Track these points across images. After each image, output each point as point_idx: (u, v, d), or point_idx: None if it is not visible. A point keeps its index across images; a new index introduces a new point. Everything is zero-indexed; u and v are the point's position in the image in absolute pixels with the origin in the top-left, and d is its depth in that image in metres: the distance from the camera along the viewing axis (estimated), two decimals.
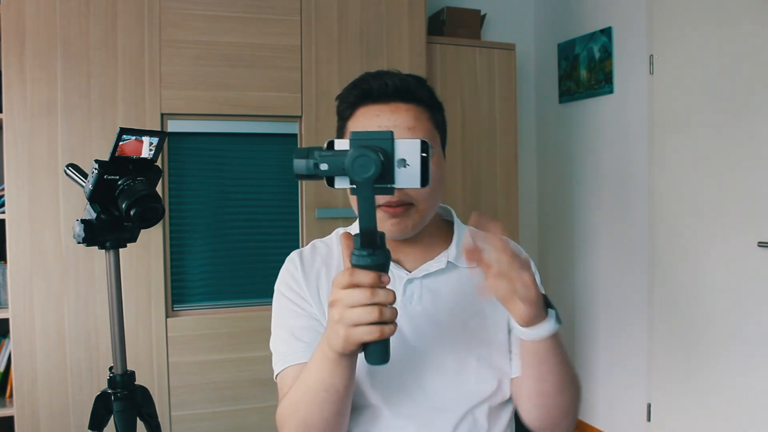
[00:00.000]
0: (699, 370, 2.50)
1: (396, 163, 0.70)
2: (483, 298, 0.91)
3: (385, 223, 0.97)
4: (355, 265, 0.72)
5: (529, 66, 3.50)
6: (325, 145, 0.72)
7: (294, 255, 1.08)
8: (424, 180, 0.70)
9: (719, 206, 2.40)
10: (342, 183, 0.71)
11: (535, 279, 0.79)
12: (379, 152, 0.67)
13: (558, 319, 0.84)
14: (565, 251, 3.30)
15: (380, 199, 0.95)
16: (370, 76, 1.00)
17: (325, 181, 0.71)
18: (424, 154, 0.70)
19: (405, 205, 0.96)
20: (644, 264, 2.78)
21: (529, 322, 0.81)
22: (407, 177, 0.70)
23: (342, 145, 0.71)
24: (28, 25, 2.18)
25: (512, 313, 0.81)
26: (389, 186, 0.70)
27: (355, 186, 0.69)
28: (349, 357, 0.81)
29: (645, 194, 2.77)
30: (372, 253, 0.72)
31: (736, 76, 2.32)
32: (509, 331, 1.02)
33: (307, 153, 0.70)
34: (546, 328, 0.82)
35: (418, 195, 0.96)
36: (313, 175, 0.70)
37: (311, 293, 1.03)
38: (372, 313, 0.71)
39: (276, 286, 1.07)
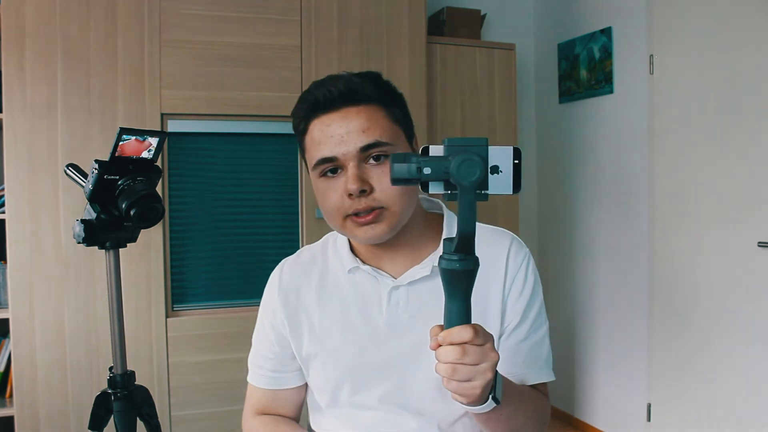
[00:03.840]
0: (699, 371, 2.50)
1: (489, 170, 0.70)
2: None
3: (356, 231, 0.93)
4: (443, 269, 0.71)
5: (529, 66, 3.50)
6: (420, 151, 0.72)
7: (274, 277, 1.09)
8: (516, 186, 0.70)
9: (719, 206, 2.40)
10: (437, 188, 0.72)
11: (488, 378, 0.74)
12: (483, 158, 0.68)
13: (496, 399, 0.79)
14: (565, 251, 3.29)
15: (348, 208, 0.92)
16: (314, 86, 0.95)
17: (419, 186, 0.72)
18: (516, 161, 0.70)
19: (376, 211, 0.91)
20: (644, 264, 2.78)
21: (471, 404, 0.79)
22: (499, 184, 0.70)
23: (436, 151, 0.71)
24: (28, 25, 2.18)
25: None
26: (483, 192, 0.70)
27: (449, 192, 0.70)
28: None
29: (645, 194, 2.77)
30: (463, 258, 0.71)
31: (736, 76, 2.32)
32: (498, 342, 1.00)
33: (404, 158, 0.71)
34: (480, 408, 0.79)
35: (387, 198, 0.91)
36: (410, 179, 0.70)
37: (288, 316, 1.04)
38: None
39: (261, 302, 1.10)
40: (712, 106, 2.42)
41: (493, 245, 1.01)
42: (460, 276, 0.71)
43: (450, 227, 1.01)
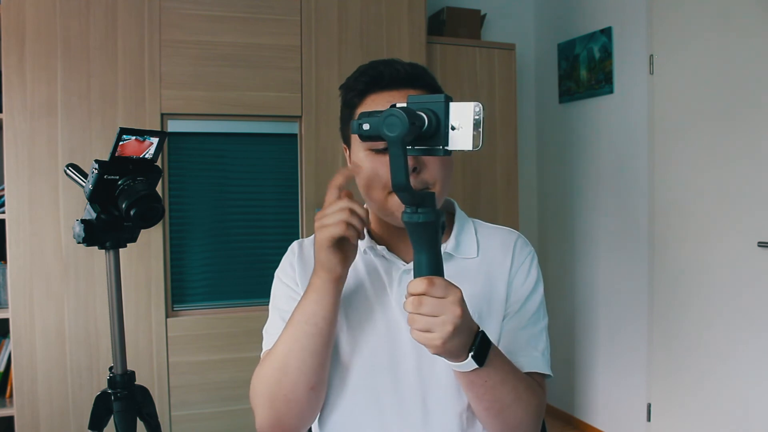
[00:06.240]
0: (699, 370, 2.50)
1: (449, 126, 0.72)
2: None
3: (397, 208, 0.95)
4: (406, 222, 0.76)
5: (529, 66, 3.50)
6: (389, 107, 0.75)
7: (294, 244, 1.11)
8: (476, 142, 0.73)
9: (719, 206, 2.40)
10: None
11: (448, 331, 0.75)
12: (407, 113, 0.69)
13: (479, 361, 0.81)
14: (565, 251, 3.30)
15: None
16: (379, 63, 1.00)
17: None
18: (477, 117, 0.72)
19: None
20: (644, 264, 2.78)
21: (442, 356, 0.80)
22: (460, 139, 0.73)
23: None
24: (28, 25, 2.18)
25: None
26: (443, 148, 0.73)
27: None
28: (331, 284, 0.88)
29: (645, 194, 2.77)
30: (415, 211, 0.74)
31: (735, 76, 2.32)
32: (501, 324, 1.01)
33: (362, 116, 0.75)
34: (459, 366, 0.81)
35: (432, 179, 0.95)
36: (360, 135, 0.74)
37: (305, 281, 1.03)
38: (338, 215, 0.82)
39: (276, 272, 1.10)
40: (712, 106, 2.42)
41: (502, 238, 1.07)
42: (419, 228, 0.75)
43: (460, 226, 1.06)
